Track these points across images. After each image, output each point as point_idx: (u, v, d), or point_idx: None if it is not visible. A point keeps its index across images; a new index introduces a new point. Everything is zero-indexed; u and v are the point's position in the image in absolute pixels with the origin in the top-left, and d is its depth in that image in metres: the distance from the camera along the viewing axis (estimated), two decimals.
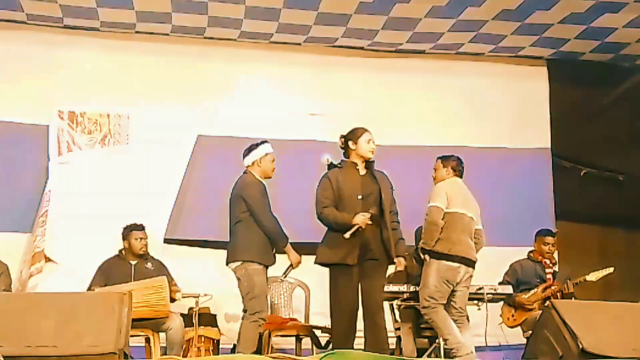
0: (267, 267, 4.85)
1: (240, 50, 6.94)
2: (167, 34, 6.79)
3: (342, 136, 4.83)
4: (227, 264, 4.89)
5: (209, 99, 6.84)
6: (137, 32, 6.73)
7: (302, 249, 5.03)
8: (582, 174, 7.69)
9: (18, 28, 6.55)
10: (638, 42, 6.83)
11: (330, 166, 4.80)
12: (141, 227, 5.43)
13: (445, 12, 6.37)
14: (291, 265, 4.93)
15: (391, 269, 5.81)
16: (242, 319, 4.77)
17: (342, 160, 4.81)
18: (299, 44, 6.99)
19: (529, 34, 6.80)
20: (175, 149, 6.65)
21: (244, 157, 5.06)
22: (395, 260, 4.72)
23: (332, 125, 6.95)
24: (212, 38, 6.85)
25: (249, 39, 6.88)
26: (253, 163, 5.02)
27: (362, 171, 4.75)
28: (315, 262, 4.70)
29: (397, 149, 6.68)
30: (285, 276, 5.14)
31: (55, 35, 6.64)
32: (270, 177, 5.04)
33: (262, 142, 5.09)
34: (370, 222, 4.54)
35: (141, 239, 5.39)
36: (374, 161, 4.78)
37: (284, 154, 6.69)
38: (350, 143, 4.78)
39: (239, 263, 4.79)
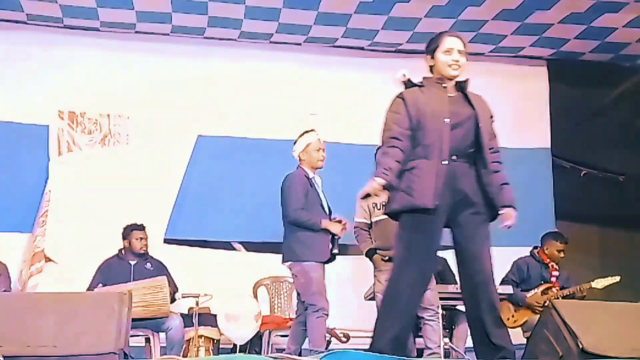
0: (323, 263, 4.81)
1: (240, 50, 6.95)
2: (167, 34, 6.79)
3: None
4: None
5: (209, 99, 6.84)
6: (137, 32, 6.73)
7: None
8: (582, 174, 7.68)
9: (18, 28, 6.55)
10: (638, 42, 6.83)
11: (408, 84, 3.71)
12: (142, 227, 5.45)
13: (445, 12, 6.37)
14: (336, 236, 4.78)
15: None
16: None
17: (424, 78, 3.72)
18: (299, 44, 6.99)
19: (529, 34, 6.80)
20: (175, 149, 6.66)
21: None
22: (500, 211, 3.60)
23: (332, 125, 6.97)
24: (212, 38, 6.85)
25: (249, 39, 6.88)
26: (299, 156, 5.01)
27: (452, 92, 3.64)
28: (386, 213, 3.73)
29: None
30: (333, 249, 4.82)
31: (55, 35, 6.64)
32: (319, 167, 4.97)
33: (306, 132, 5.01)
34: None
35: (141, 238, 5.41)
36: (467, 80, 3.67)
37: (283, 154, 6.72)
38: (428, 57, 3.68)
39: (292, 262, 4.83)
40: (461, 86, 3.67)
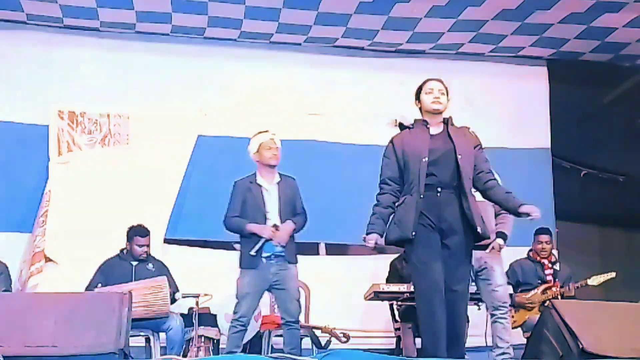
0: (249, 269, 4.78)
1: (240, 50, 6.94)
2: (167, 34, 6.79)
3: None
4: None
5: (209, 99, 6.83)
6: (137, 32, 6.73)
7: (300, 248, 5.03)
8: (582, 174, 7.68)
9: (18, 28, 6.55)
10: (638, 42, 6.83)
11: (401, 127, 4.14)
12: (145, 233, 5.39)
13: (445, 12, 6.37)
14: (266, 239, 4.72)
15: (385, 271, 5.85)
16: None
17: (415, 120, 4.12)
18: (299, 44, 6.99)
19: (529, 34, 6.80)
20: (175, 149, 6.65)
21: None
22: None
23: (332, 125, 6.97)
24: (212, 38, 6.85)
25: (249, 39, 6.88)
26: (253, 157, 4.99)
27: (436, 129, 4.00)
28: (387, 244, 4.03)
29: None
30: (256, 251, 4.76)
31: (55, 35, 6.64)
32: (271, 165, 4.95)
33: (259, 132, 5.02)
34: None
35: (142, 245, 5.37)
36: (450, 117, 4.07)
37: (283, 154, 6.72)
38: (416, 102, 4.12)
39: None
40: (445, 123, 4.04)
